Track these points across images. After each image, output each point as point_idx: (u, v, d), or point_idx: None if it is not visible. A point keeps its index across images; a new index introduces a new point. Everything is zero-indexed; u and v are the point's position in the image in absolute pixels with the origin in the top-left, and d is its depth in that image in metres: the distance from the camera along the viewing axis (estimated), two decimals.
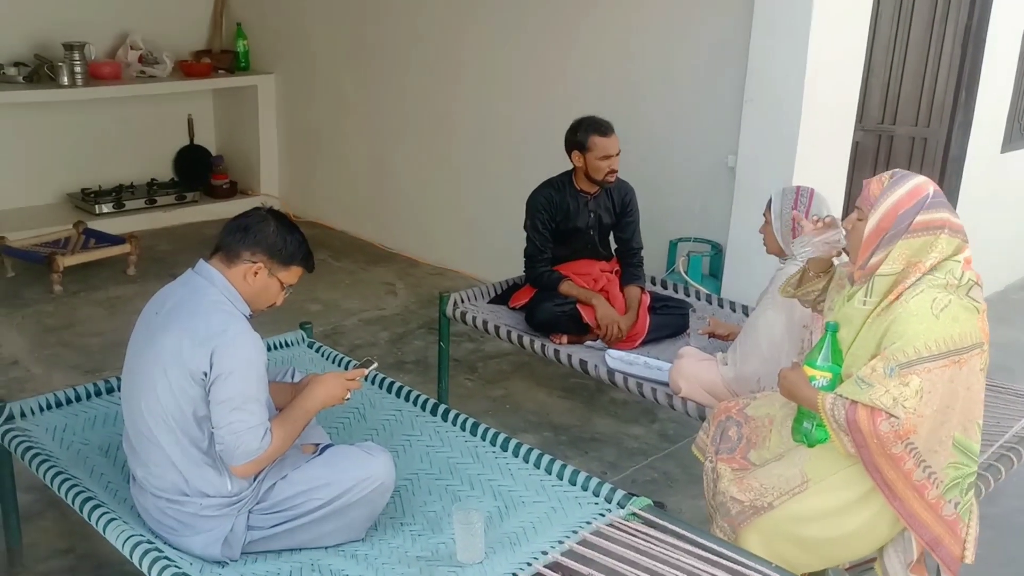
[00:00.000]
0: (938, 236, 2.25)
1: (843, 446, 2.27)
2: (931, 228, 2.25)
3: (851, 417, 2.21)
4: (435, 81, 5.38)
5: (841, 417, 2.23)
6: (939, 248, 2.25)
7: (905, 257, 2.26)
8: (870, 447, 2.21)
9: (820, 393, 2.30)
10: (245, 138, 6.54)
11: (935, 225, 2.25)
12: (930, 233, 2.25)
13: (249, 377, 2.20)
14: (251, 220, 2.36)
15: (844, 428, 2.23)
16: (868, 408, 2.19)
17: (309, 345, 3.35)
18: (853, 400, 2.22)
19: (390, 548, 2.34)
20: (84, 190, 6.05)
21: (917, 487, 2.25)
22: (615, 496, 2.45)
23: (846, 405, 2.22)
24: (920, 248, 2.25)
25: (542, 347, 3.48)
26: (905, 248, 2.25)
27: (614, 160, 3.59)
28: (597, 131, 3.56)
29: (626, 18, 4.44)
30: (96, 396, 2.88)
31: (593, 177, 3.62)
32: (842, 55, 3.91)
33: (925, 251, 2.25)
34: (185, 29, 6.44)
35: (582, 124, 3.61)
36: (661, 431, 3.82)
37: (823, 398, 2.28)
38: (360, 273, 5.44)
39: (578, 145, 3.59)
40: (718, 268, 4.24)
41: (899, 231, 2.26)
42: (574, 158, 3.63)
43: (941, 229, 2.25)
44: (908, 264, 2.26)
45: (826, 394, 2.28)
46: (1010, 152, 5.27)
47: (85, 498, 2.35)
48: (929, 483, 2.25)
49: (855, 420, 2.20)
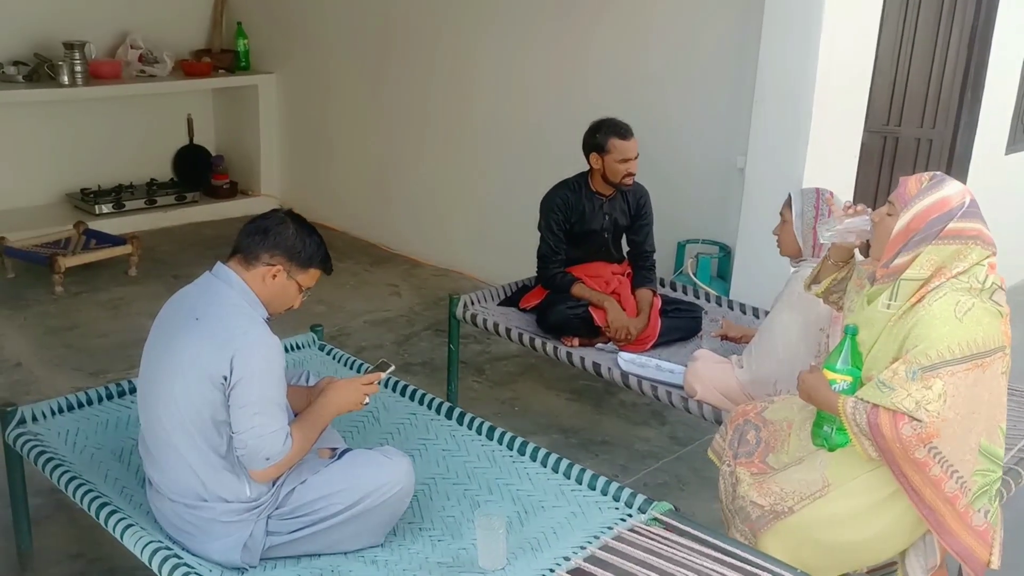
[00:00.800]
0: (970, 247, 2.22)
1: (864, 450, 2.26)
2: (963, 237, 2.22)
3: (873, 421, 2.19)
4: (439, 81, 5.36)
5: (863, 421, 2.21)
6: (970, 259, 2.23)
7: (935, 264, 2.23)
8: (893, 452, 2.19)
9: (841, 397, 2.28)
10: (246, 138, 6.50)
11: (968, 235, 2.23)
12: (962, 242, 2.22)
13: (269, 381, 2.18)
14: (270, 222, 2.35)
15: (866, 432, 2.22)
16: (890, 412, 2.17)
17: (320, 348, 3.33)
18: (875, 404, 2.20)
19: (410, 554, 2.32)
20: (83, 190, 6.01)
21: (950, 498, 2.22)
22: (636, 501, 2.43)
23: (867, 409, 2.21)
24: (951, 256, 2.22)
25: (555, 350, 3.46)
26: (935, 254, 2.22)
27: (632, 164, 3.57)
28: (617, 134, 3.54)
29: (636, 19, 4.42)
30: (108, 400, 2.85)
31: (611, 180, 3.60)
32: (852, 56, 3.91)
33: (956, 260, 2.22)
34: (185, 28, 6.41)
35: (602, 126, 3.58)
36: (671, 434, 3.81)
37: (844, 402, 2.26)
38: (363, 274, 5.41)
39: (597, 147, 3.57)
40: (726, 270, 4.23)
41: (928, 236, 2.23)
42: (592, 160, 3.61)
43: (975, 240, 2.23)
44: (936, 271, 2.23)
45: (847, 398, 2.27)
46: (1014, 153, 5.28)
47: (101, 503, 2.32)
48: (960, 493, 2.23)
49: (877, 424, 2.19)
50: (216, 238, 5.96)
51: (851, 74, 3.93)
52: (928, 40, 4.70)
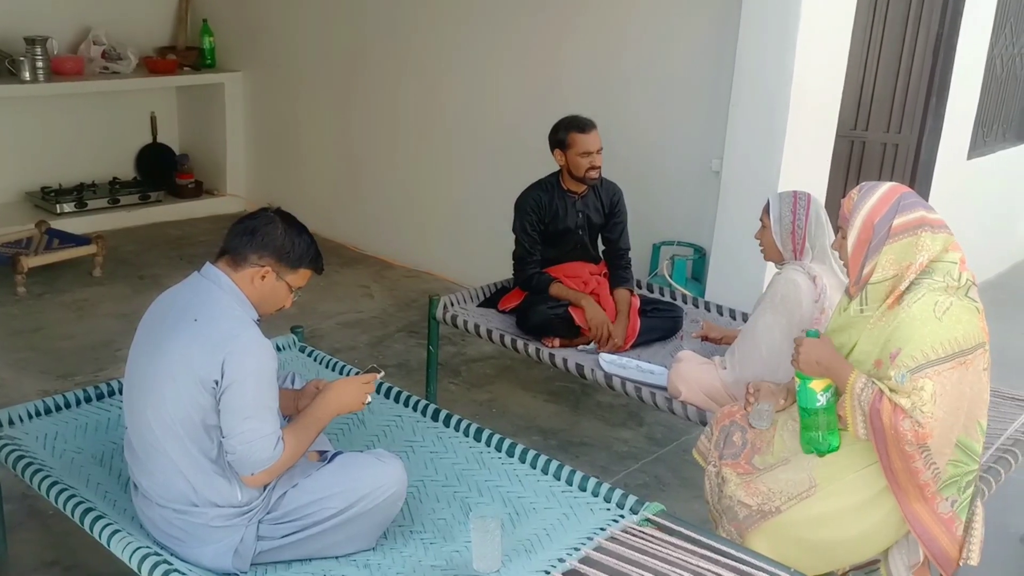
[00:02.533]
0: (919, 235, 2.30)
1: (855, 428, 2.30)
2: (910, 228, 2.30)
3: (875, 406, 2.24)
4: (409, 80, 5.33)
5: (866, 401, 2.26)
6: (925, 246, 2.30)
7: (893, 262, 2.30)
8: (886, 436, 2.25)
9: (855, 371, 2.32)
10: (211, 137, 6.41)
11: (913, 225, 2.30)
12: (911, 234, 2.30)
13: (261, 385, 2.14)
14: (258, 222, 2.30)
15: (864, 411, 2.26)
16: (892, 403, 2.22)
17: (301, 349, 3.29)
18: (881, 391, 2.25)
19: (403, 557, 2.30)
20: (44, 189, 5.87)
21: (921, 485, 2.30)
22: (627, 502, 2.44)
23: (874, 391, 2.25)
24: (905, 250, 2.29)
25: (536, 351, 3.46)
26: (891, 253, 2.30)
27: (595, 157, 3.60)
28: (576, 128, 3.59)
29: (612, 21, 4.44)
30: (87, 402, 2.79)
31: (575, 175, 3.63)
32: (826, 60, 3.96)
33: (911, 252, 2.29)
34: (150, 25, 6.29)
35: (563, 122, 3.65)
36: (649, 435, 3.83)
37: (856, 376, 2.30)
38: (334, 275, 5.36)
39: (559, 143, 3.62)
40: (701, 272, 4.26)
41: (881, 239, 2.31)
42: (557, 157, 3.65)
43: (920, 227, 2.30)
44: (899, 268, 2.30)
45: (859, 372, 2.31)
46: (976, 158, 5.41)
47: (86, 509, 2.27)
48: (932, 481, 2.30)
49: (879, 410, 2.24)
50: (181, 238, 5.87)
51: (825, 78, 3.99)
52: (895, 47, 4.79)
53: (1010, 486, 3.11)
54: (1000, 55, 5.45)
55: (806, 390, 2.37)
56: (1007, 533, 3.27)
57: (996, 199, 5.69)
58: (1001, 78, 5.56)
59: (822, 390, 2.36)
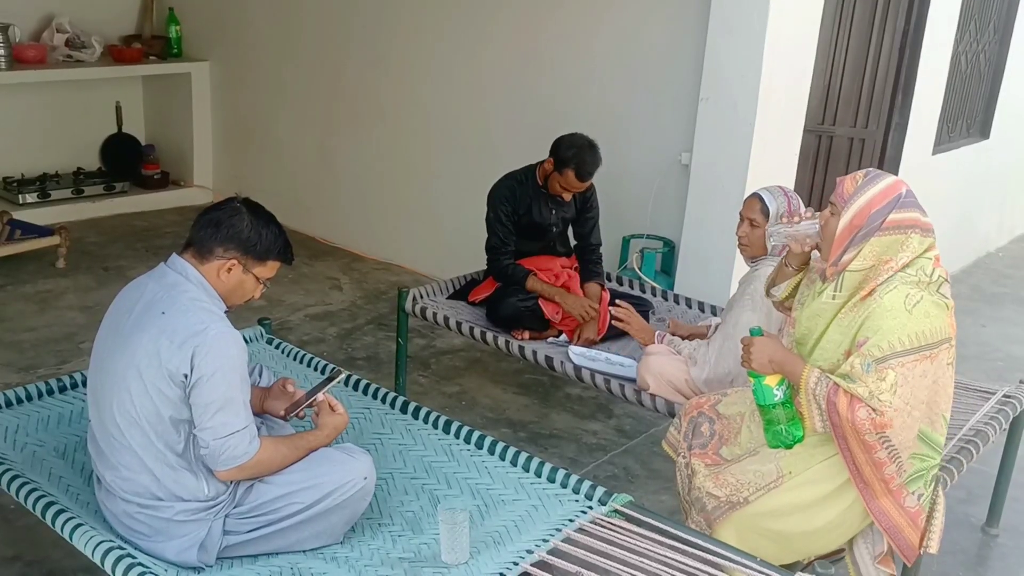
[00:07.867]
0: (909, 235, 2.31)
1: (812, 422, 2.32)
2: (902, 227, 2.31)
3: (831, 399, 2.26)
4: (378, 70, 5.29)
5: (822, 395, 2.28)
6: (911, 247, 2.31)
7: (875, 254, 2.31)
8: (844, 429, 2.28)
9: (808, 366, 2.34)
10: (177, 127, 6.32)
11: (906, 224, 2.31)
12: (901, 232, 2.31)
13: (232, 378, 2.12)
14: (223, 214, 2.25)
15: (821, 406, 2.28)
16: (848, 395, 2.24)
17: (268, 341, 3.26)
18: (836, 383, 2.27)
19: (371, 549, 2.29)
20: (6, 179, 5.77)
21: (886, 478, 2.32)
22: (596, 493, 2.45)
23: (828, 385, 2.28)
24: (890, 246, 2.31)
25: (506, 343, 3.45)
26: (876, 246, 2.31)
27: (569, 194, 3.64)
28: (578, 171, 3.53)
29: (584, 17, 4.43)
30: (49, 395, 2.74)
31: (548, 189, 3.66)
32: (794, 56, 3.99)
33: (896, 249, 2.31)
34: (115, 13, 6.19)
35: (575, 151, 3.53)
36: (618, 427, 3.84)
37: (809, 371, 2.32)
38: (303, 268, 5.32)
39: (558, 160, 3.57)
40: (670, 265, 4.28)
41: (871, 229, 2.31)
42: (547, 163, 3.63)
43: (912, 228, 2.32)
44: (878, 261, 2.31)
45: (812, 367, 2.33)
46: (940, 153, 5.48)
47: (48, 503, 2.23)
48: (896, 475, 2.33)
49: (834, 403, 2.26)
50: (147, 230, 5.80)
51: (793, 73, 4.01)
52: (862, 42, 4.83)
53: (972, 476, 3.16)
54: (964, 52, 5.52)
55: (761, 387, 2.39)
56: (968, 522, 3.32)
57: (960, 194, 5.77)
58: (965, 74, 5.64)
59: (776, 384, 2.38)
